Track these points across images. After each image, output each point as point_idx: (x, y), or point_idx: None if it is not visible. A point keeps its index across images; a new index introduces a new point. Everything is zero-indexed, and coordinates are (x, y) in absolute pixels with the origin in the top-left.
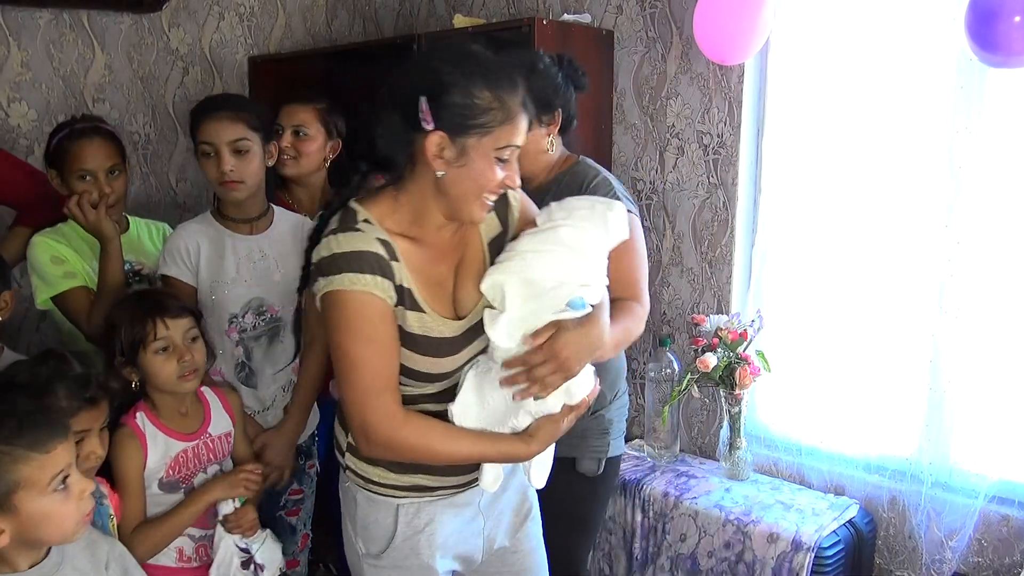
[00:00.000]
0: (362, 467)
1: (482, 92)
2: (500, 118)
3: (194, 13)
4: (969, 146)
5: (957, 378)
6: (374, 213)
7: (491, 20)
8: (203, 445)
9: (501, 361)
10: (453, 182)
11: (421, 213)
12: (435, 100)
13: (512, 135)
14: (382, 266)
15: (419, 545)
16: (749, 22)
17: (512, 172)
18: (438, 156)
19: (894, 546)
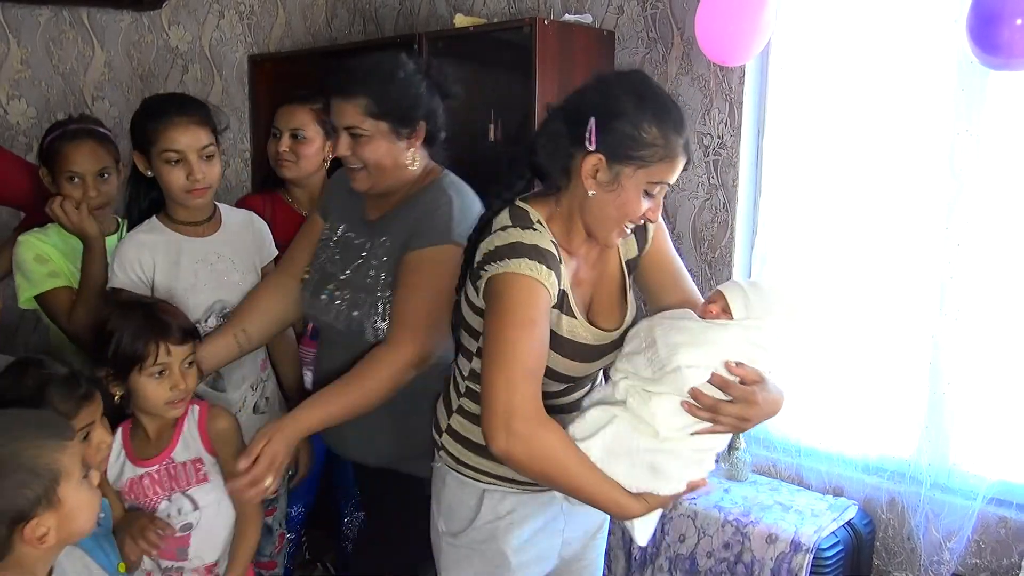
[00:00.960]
0: (457, 449)
1: (651, 128)
2: (660, 155)
3: (194, 11)
4: (970, 148)
5: (957, 380)
6: (543, 216)
7: (492, 20)
8: (165, 471)
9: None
10: (600, 204)
11: (570, 226)
12: (604, 123)
13: (667, 173)
14: (555, 265)
15: (498, 531)
16: (751, 23)
17: (656, 207)
18: (591, 176)
19: (893, 547)
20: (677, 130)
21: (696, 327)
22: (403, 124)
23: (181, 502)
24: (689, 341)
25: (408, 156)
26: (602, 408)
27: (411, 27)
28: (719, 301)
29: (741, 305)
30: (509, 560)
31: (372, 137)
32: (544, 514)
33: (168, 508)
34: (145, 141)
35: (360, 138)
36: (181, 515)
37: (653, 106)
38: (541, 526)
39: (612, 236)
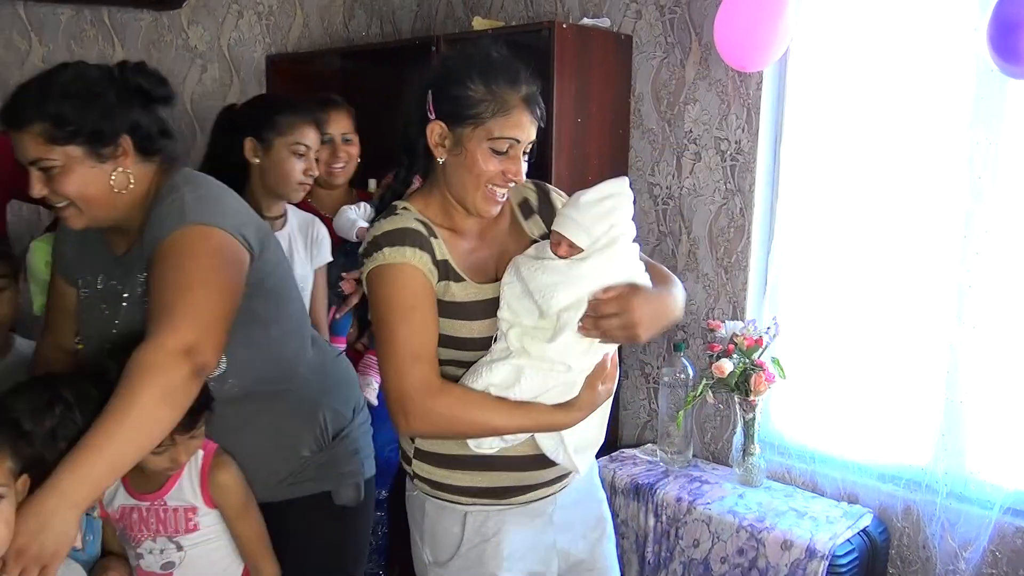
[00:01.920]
0: (428, 470)
1: (478, 85)
2: (493, 109)
3: (213, 11)
4: (988, 156)
5: (974, 389)
6: (412, 204)
7: (510, 23)
8: (153, 512)
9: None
10: (453, 170)
11: (446, 205)
12: (438, 92)
13: (508, 128)
14: (420, 240)
15: (485, 555)
16: (770, 29)
17: (514, 165)
18: (439, 144)
19: (908, 556)
20: (510, 84)
21: (561, 265)
22: (99, 143)
23: (164, 544)
24: (561, 281)
25: (119, 178)
26: (505, 364)
27: (428, 29)
28: (561, 241)
29: (581, 234)
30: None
31: (66, 167)
32: (531, 527)
33: (151, 547)
34: (270, 129)
35: (52, 171)
36: (163, 555)
37: (480, 64)
38: (530, 542)
39: (479, 202)
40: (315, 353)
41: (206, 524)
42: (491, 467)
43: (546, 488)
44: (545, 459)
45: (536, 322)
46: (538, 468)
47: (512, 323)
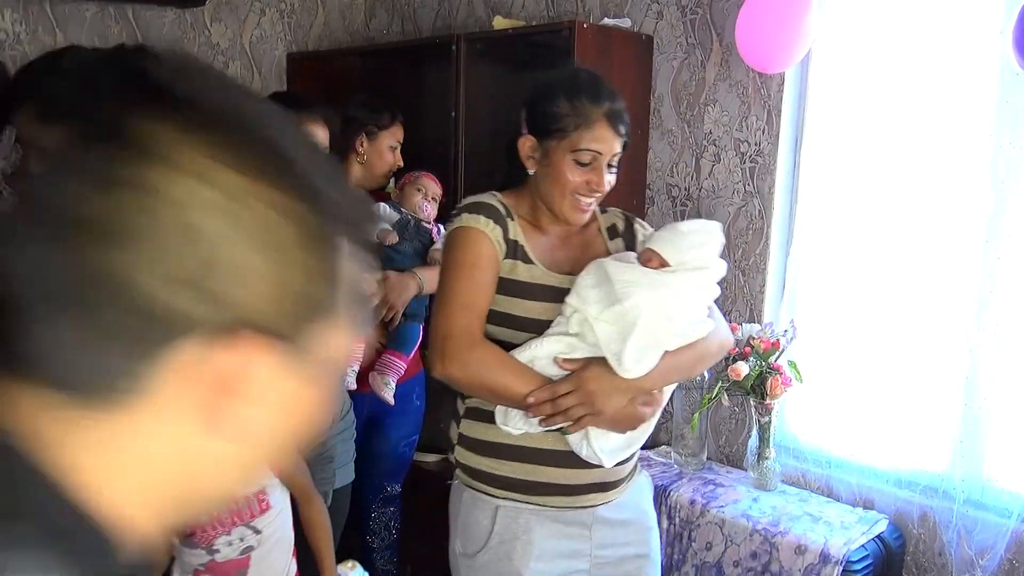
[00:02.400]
0: (467, 457)
1: (562, 102)
2: (575, 124)
3: (236, 9)
4: (1012, 161)
5: (994, 395)
6: (502, 195)
7: (531, 22)
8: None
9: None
10: (541, 179)
11: (534, 207)
12: (530, 108)
13: (589, 140)
14: (495, 215)
15: (513, 551)
16: (792, 31)
17: (597, 176)
18: (530, 156)
19: (923, 563)
20: (593, 99)
21: (649, 270)
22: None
23: (242, 531)
24: (644, 282)
25: None
26: (559, 340)
27: (449, 28)
28: (654, 259)
29: (673, 252)
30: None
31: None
32: (567, 536)
33: (227, 539)
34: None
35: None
36: (243, 541)
37: (565, 83)
38: (562, 550)
39: (566, 210)
40: None
41: (274, 499)
42: (523, 459)
43: (583, 496)
44: (578, 459)
45: (600, 313)
46: (570, 467)
47: (577, 308)
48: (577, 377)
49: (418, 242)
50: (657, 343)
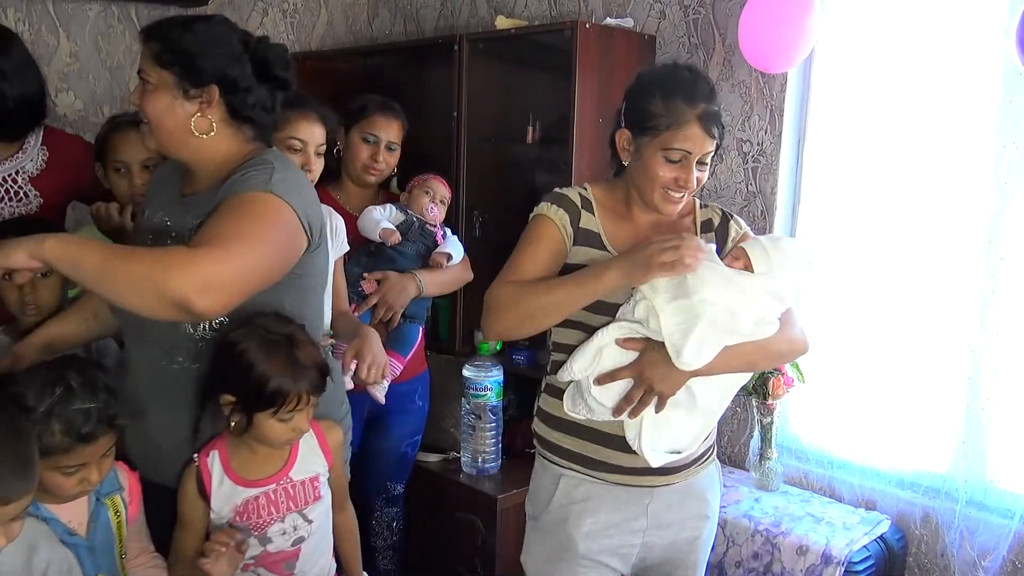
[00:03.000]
0: (542, 428)
1: (657, 100)
2: (666, 123)
3: (238, 9)
4: (1015, 161)
5: (996, 396)
6: (592, 185)
7: (533, 22)
8: (281, 491)
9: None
10: (634, 171)
11: (628, 196)
12: (627, 103)
13: (680, 140)
14: (568, 207)
15: (570, 515)
16: (794, 31)
17: (685, 173)
18: (625, 149)
19: (925, 564)
20: (687, 100)
21: (725, 270)
22: (188, 79)
23: (295, 520)
24: (717, 280)
25: (196, 122)
26: (620, 326)
27: (452, 28)
28: (742, 258)
29: (763, 261)
30: (576, 545)
31: (156, 88)
32: (623, 511)
33: (281, 527)
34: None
35: (147, 86)
36: (296, 531)
37: (662, 81)
38: (618, 521)
39: (657, 201)
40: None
41: (324, 491)
42: (587, 437)
43: (638, 476)
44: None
45: (667, 303)
46: (622, 451)
47: (645, 295)
48: (638, 364)
49: (422, 244)
50: (717, 339)
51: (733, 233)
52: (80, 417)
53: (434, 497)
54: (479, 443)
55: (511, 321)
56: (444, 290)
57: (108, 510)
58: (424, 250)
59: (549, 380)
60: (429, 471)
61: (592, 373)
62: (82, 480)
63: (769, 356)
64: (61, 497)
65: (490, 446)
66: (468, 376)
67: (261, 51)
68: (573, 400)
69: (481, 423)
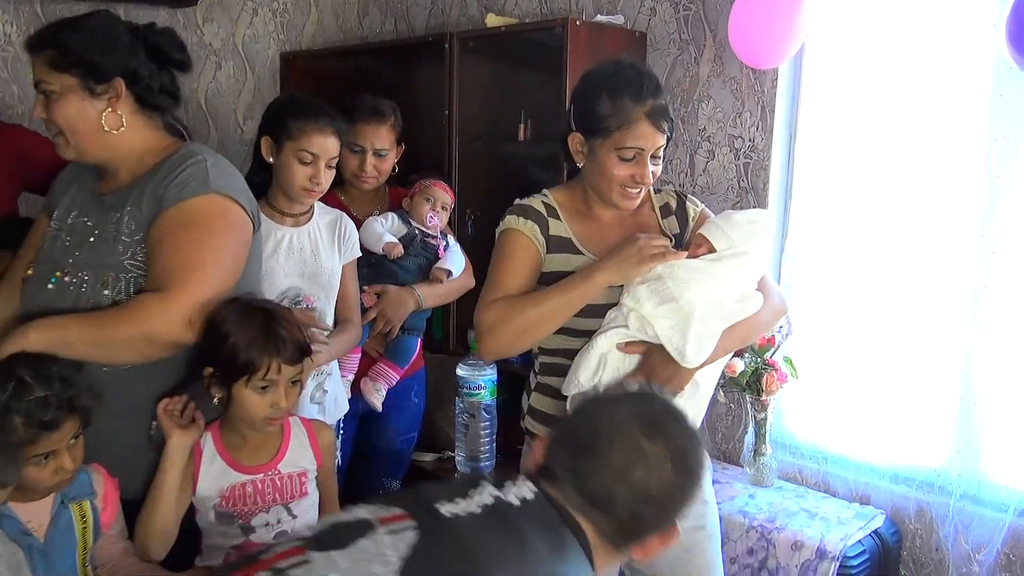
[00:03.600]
0: (538, 427)
1: (604, 102)
2: (616, 124)
3: (228, 8)
4: (1006, 155)
5: (989, 390)
6: (553, 191)
7: (524, 20)
8: (269, 482)
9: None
10: (590, 173)
11: (586, 196)
12: (575, 107)
13: (632, 139)
14: (536, 217)
15: None
16: (785, 26)
17: (640, 170)
18: (579, 151)
19: (920, 558)
20: (634, 99)
21: (697, 264)
22: (92, 77)
23: (280, 513)
24: (695, 277)
25: (107, 118)
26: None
27: (442, 26)
28: (704, 244)
29: (723, 240)
30: None
31: (61, 94)
32: None
33: (265, 519)
34: (283, 133)
35: (51, 96)
36: (280, 524)
37: (607, 82)
38: None
39: (616, 198)
40: None
41: (311, 488)
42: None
43: None
44: None
45: (656, 309)
46: None
47: (632, 308)
48: (646, 367)
49: (423, 257)
50: (712, 331)
51: (691, 213)
52: (38, 406)
53: None
54: (473, 442)
55: (506, 339)
56: (444, 301)
57: (72, 514)
58: (426, 263)
59: (541, 380)
60: (424, 470)
61: (598, 381)
62: (57, 470)
63: (758, 328)
64: (41, 491)
65: (484, 445)
66: (462, 375)
67: (151, 38)
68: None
69: (475, 422)
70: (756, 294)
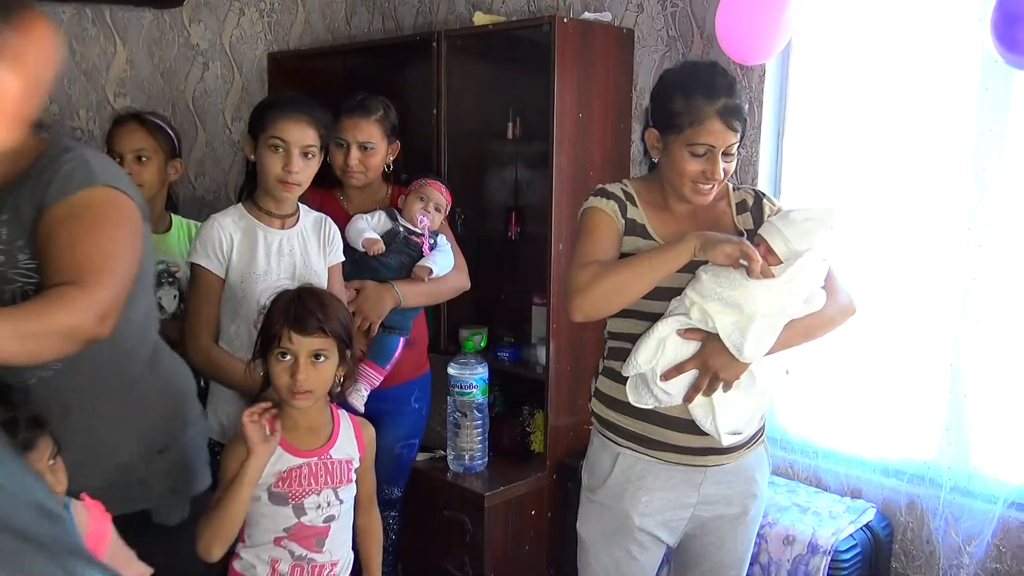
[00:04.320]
0: (602, 408)
1: (678, 99)
2: (688, 121)
3: (215, 9)
4: (993, 148)
5: (979, 382)
6: (631, 181)
7: (511, 18)
8: (321, 465)
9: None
10: (664, 167)
11: (663, 188)
12: (653, 103)
13: (702, 135)
14: (616, 199)
15: (626, 492)
16: (772, 22)
17: (711, 166)
18: (654, 147)
19: (911, 550)
20: (707, 97)
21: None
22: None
23: (329, 496)
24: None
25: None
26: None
27: (430, 25)
28: (762, 244)
29: (779, 241)
30: (632, 521)
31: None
32: (675, 489)
33: (316, 501)
34: (258, 127)
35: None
36: (330, 507)
37: (682, 81)
38: (671, 498)
39: (688, 192)
40: (153, 356)
41: (355, 477)
42: (647, 419)
43: (695, 456)
44: (694, 426)
45: (721, 309)
46: (688, 432)
47: (695, 301)
48: (701, 354)
49: (406, 255)
50: (774, 328)
51: (767, 211)
52: (8, 426)
53: (421, 496)
54: (465, 441)
55: (597, 299)
56: (433, 300)
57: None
58: (408, 261)
59: (607, 364)
60: (416, 470)
61: (656, 364)
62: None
63: (823, 324)
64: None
65: (476, 444)
66: (453, 374)
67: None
68: (638, 392)
69: (467, 421)
70: (820, 292)
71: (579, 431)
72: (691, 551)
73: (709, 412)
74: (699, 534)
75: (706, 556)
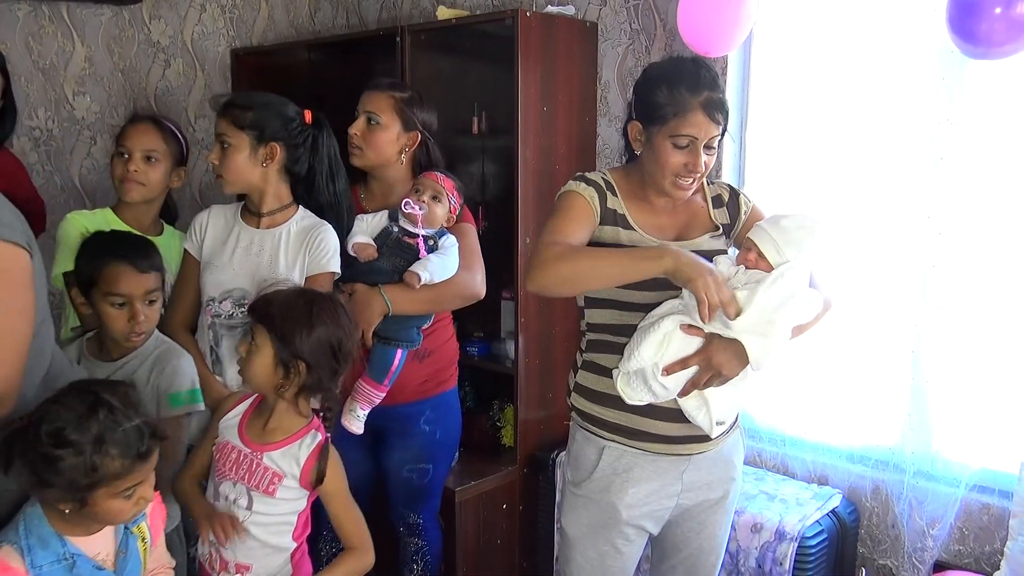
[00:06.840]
0: (583, 403)
1: (662, 91)
2: (672, 112)
3: (175, 5)
4: (951, 137)
5: (939, 368)
6: (611, 172)
7: (474, 12)
8: (247, 459)
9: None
10: (646, 160)
11: (642, 181)
12: (636, 96)
13: (685, 127)
14: (595, 186)
15: (613, 485)
16: (733, 14)
17: (693, 159)
18: (636, 139)
19: (877, 535)
20: (691, 90)
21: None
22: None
23: (241, 492)
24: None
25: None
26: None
27: (394, 20)
28: (753, 248)
29: (770, 246)
30: (620, 513)
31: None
32: (661, 478)
33: (228, 491)
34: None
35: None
36: (236, 506)
37: (666, 73)
38: (657, 488)
39: (668, 187)
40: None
41: (281, 497)
42: (630, 410)
43: (679, 446)
44: (678, 415)
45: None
46: (671, 421)
47: (680, 311)
48: (705, 351)
49: (399, 258)
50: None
51: (743, 207)
52: (134, 436)
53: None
54: None
55: (554, 279)
56: (435, 308)
57: (136, 539)
58: (403, 264)
59: (588, 357)
60: None
61: (659, 360)
62: (138, 500)
63: (811, 327)
64: (118, 523)
65: None
66: None
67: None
68: (632, 387)
69: None
70: (816, 294)
71: (549, 425)
72: (671, 539)
73: (702, 405)
74: (680, 520)
75: (687, 542)
